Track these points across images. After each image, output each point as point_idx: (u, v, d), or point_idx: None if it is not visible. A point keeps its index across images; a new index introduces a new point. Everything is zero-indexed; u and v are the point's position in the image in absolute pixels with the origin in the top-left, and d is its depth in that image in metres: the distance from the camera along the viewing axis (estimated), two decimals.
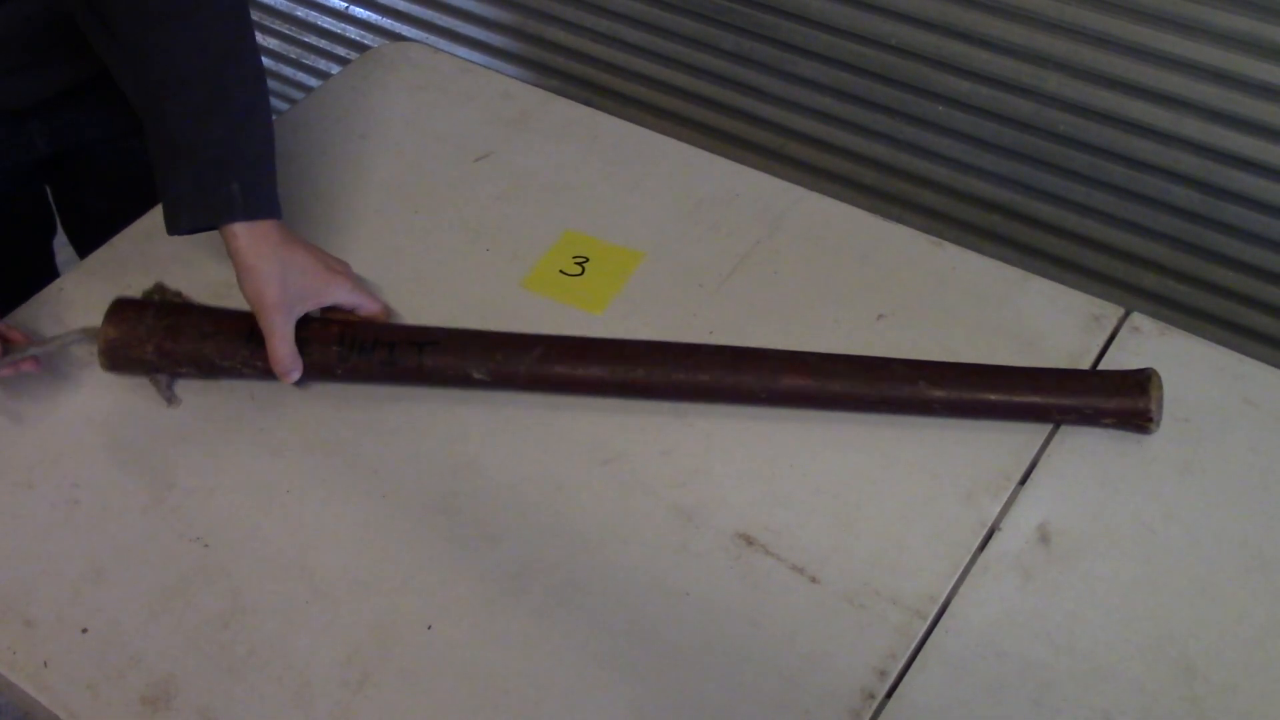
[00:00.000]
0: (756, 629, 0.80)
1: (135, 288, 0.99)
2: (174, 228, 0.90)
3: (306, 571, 0.84)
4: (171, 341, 0.92)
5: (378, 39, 1.98)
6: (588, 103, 1.23)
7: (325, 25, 2.06)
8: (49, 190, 1.25)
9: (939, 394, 0.90)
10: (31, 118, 1.09)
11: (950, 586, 0.82)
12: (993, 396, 0.90)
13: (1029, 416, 0.91)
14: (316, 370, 0.93)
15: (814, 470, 0.89)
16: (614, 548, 0.85)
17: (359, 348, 0.93)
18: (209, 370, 0.93)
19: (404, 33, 1.94)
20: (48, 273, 1.26)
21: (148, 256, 1.04)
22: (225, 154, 0.89)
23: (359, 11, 1.98)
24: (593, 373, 0.92)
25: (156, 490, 0.88)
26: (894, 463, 0.89)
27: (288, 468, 0.90)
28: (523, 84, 1.25)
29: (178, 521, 0.86)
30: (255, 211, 0.89)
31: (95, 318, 0.92)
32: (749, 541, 0.85)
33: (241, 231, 0.88)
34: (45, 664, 0.79)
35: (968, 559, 0.84)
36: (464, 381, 0.93)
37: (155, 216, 1.07)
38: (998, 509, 0.86)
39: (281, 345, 0.90)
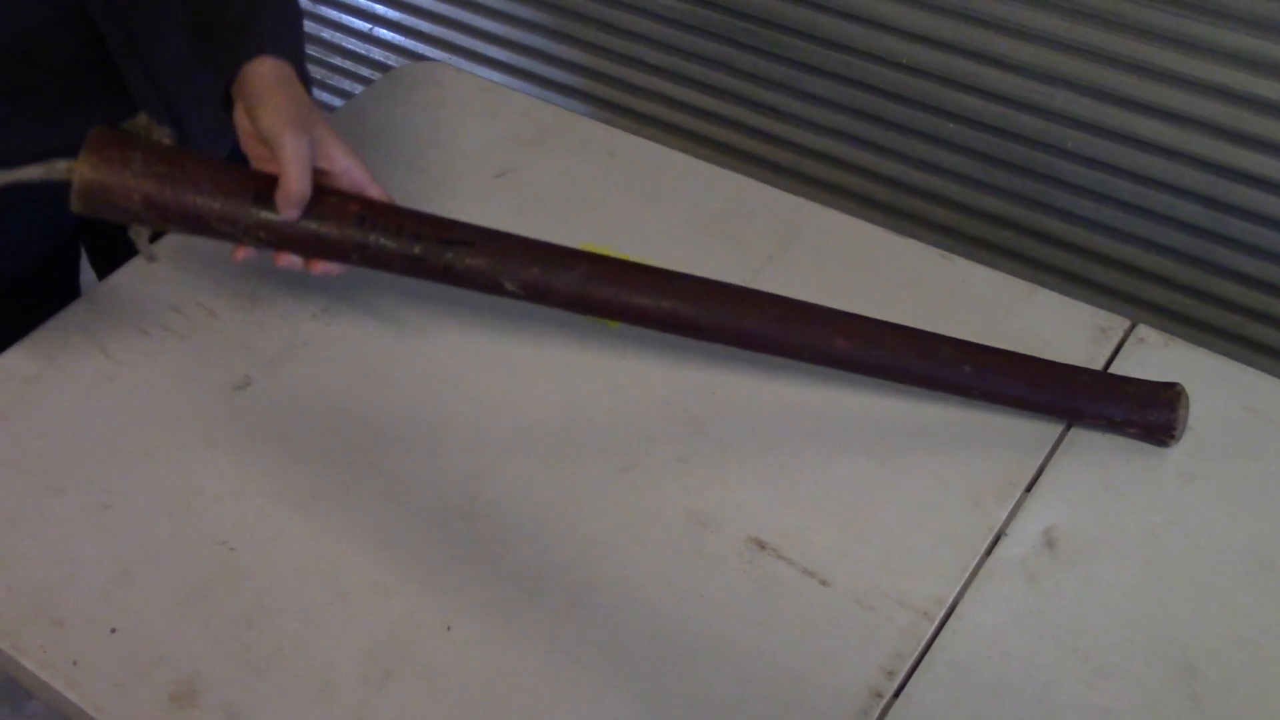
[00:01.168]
0: (768, 630, 0.82)
1: (163, 303, 1.02)
2: (220, 89, 0.89)
3: (328, 573, 0.86)
4: (164, 193, 0.83)
5: (401, 60, 2.01)
6: (607, 122, 1.26)
7: (350, 47, 2.09)
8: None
9: (980, 379, 0.90)
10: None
11: (957, 589, 0.84)
12: (1030, 389, 0.91)
13: (1059, 414, 0.93)
14: (330, 247, 0.86)
15: (825, 476, 0.91)
16: (630, 551, 0.87)
17: (382, 232, 0.86)
18: (203, 230, 0.85)
19: (427, 54, 1.97)
20: (70, 292, 1.29)
21: (175, 272, 1.07)
22: (249, 16, 0.89)
23: (383, 33, 2.02)
24: (637, 301, 0.87)
25: (183, 495, 0.91)
26: (902, 469, 0.91)
27: (310, 474, 0.92)
28: (543, 103, 1.27)
29: (204, 525, 0.89)
30: (280, 50, 0.88)
31: (120, 338, 0.94)
32: (761, 546, 0.87)
33: (269, 64, 0.87)
34: (75, 663, 0.81)
35: (975, 562, 0.85)
36: (494, 289, 0.88)
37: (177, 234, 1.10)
38: (1004, 514, 0.88)
39: (298, 166, 0.83)
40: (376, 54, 2.07)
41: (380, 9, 1.99)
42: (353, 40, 2.08)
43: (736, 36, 1.56)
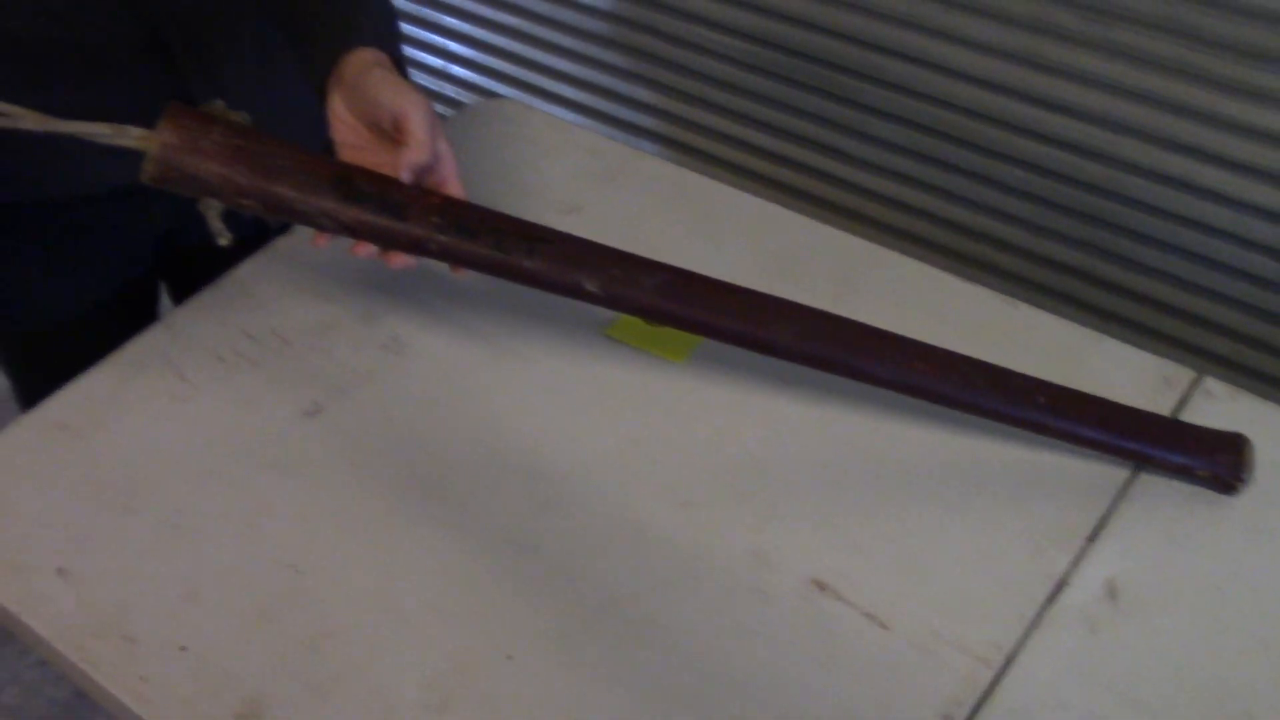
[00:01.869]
0: (826, 671, 0.82)
1: (238, 330, 1.05)
2: (318, 77, 0.92)
3: (392, 599, 0.87)
4: (241, 166, 0.83)
5: (474, 97, 2.05)
6: (674, 162, 1.27)
7: (423, 83, 2.13)
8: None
9: (1053, 412, 0.90)
10: (154, 195, 1.16)
11: (1017, 637, 0.84)
12: (1101, 427, 0.91)
13: (1127, 455, 0.93)
14: (409, 240, 0.87)
15: (886, 518, 0.91)
16: (690, 588, 0.87)
17: (463, 226, 0.86)
18: (277, 208, 0.85)
19: (500, 91, 2.00)
20: (148, 316, 1.32)
21: (249, 299, 1.09)
22: (353, 2, 0.93)
23: (457, 70, 2.06)
24: (716, 310, 0.88)
25: (252, 517, 0.92)
26: (964, 513, 0.91)
27: (376, 500, 0.93)
28: (611, 141, 1.29)
29: (271, 547, 0.90)
30: (381, 42, 0.91)
31: (196, 362, 0.96)
32: (821, 586, 0.87)
33: (374, 52, 0.90)
34: (144, 679, 0.83)
35: (1035, 611, 0.85)
36: (573, 290, 0.88)
37: (253, 264, 1.12)
38: (1066, 563, 0.88)
39: (425, 127, 0.86)
40: (450, 91, 2.10)
41: (455, 47, 2.03)
42: (427, 77, 2.12)
43: (804, 79, 1.57)
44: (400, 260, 0.91)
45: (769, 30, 1.57)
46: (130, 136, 0.84)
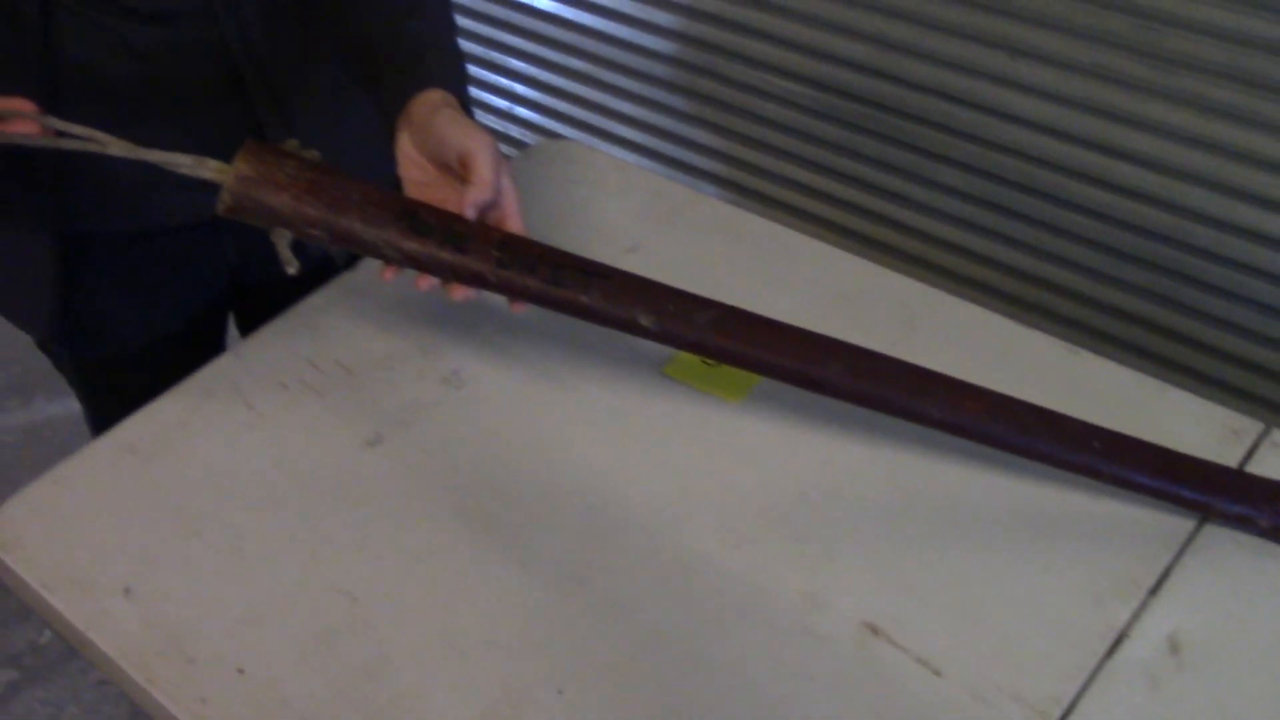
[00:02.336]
0: (877, 717, 0.82)
1: (303, 360, 1.07)
2: (388, 116, 0.95)
3: (446, 629, 0.88)
4: (311, 196, 0.87)
5: (538, 138, 2.08)
6: (735, 204, 1.28)
7: (488, 124, 2.16)
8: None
9: (1109, 459, 0.90)
10: (225, 230, 1.20)
11: (1076, 689, 0.82)
12: (1160, 475, 0.90)
13: (1189, 506, 0.91)
14: (469, 273, 0.90)
15: (943, 563, 0.91)
16: (741, 627, 0.87)
17: (521, 261, 0.89)
18: (344, 239, 0.89)
19: (563, 133, 2.03)
20: (216, 346, 1.35)
21: (315, 331, 1.11)
22: (423, 42, 0.97)
23: (522, 112, 2.09)
24: (770, 347, 0.89)
25: (313, 544, 0.94)
26: (1022, 560, 0.90)
27: (433, 530, 0.95)
28: (673, 182, 1.30)
29: (330, 574, 0.92)
30: (450, 85, 0.94)
31: (262, 390, 0.98)
32: (874, 630, 0.87)
33: (442, 93, 0.93)
34: (203, 700, 0.84)
35: (1095, 663, 0.84)
36: (629, 325, 0.90)
37: (319, 297, 1.15)
38: (1127, 615, 0.87)
39: (492, 166, 0.90)
40: (515, 131, 2.13)
41: (520, 89, 2.06)
42: (492, 118, 2.15)
43: (866, 124, 1.58)
44: (461, 292, 0.94)
45: (831, 76, 1.58)
46: (209, 168, 0.89)
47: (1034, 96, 1.39)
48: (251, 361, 1.09)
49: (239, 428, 1.03)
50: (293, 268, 0.93)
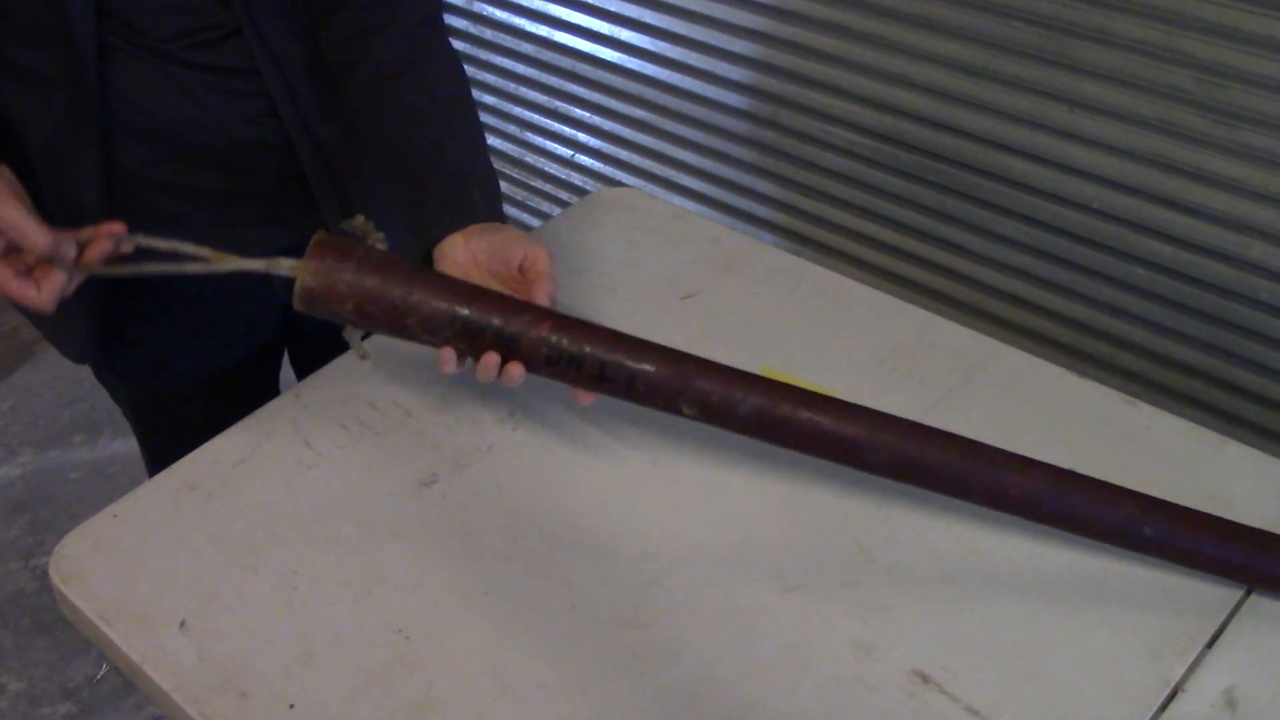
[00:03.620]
0: None
1: (362, 400, 1.09)
2: (424, 243, 1.01)
3: (496, 670, 0.88)
4: (374, 304, 0.92)
5: (600, 186, 2.10)
6: (793, 253, 1.29)
7: (551, 171, 2.19)
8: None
9: (1160, 540, 0.89)
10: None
11: None
12: (1214, 551, 0.89)
13: (1242, 578, 0.90)
14: (522, 360, 0.94)
15: (995, 614, 0.90)
16: (791, 674, 0.87)
17: (570, 351, 0.93)
18: (408, 337, 0.95)
19: (624, 180, 2.05)
20: (270, 390, 1.37)
21: (374, 372, 1.13)
22: (462, 170, 1.03)
23: (584, 160, 2.11)
24: (810, 434, 0.91)
25: (367, 583, 0.95)
26: (1076, 613, 0.90)
27: (486, 572, 0.95)
28: (732, 230, 1.31)
29: (383, 613, 0.92)
30: (495, 216, 1.02)
31: (321, 430, 1.01)
32: (924, 679, 0.86)
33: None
34: None
35: (1149, 717, 0.83)
36: (672, 410, 0.94)
37: (379, 337, 1.16)
38: (1182, 669, 0.85)
39: (551, 279, 0.99)
40: (576, 179, 2.16)
41: (583, 137, 2.09)
42: (554, 165, 2.18)
43: (925, 175, 1.58)
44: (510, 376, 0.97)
45: (891, 126, 1.59)
46: (281, 267, 0.93)
47: (1094, 149, 1.39)
48: (311, 401, 1.11)
49: (298, 467, 1.05)
50: (366, 359, 1.00)
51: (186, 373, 1.29)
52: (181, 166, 1.13)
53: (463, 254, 1.01)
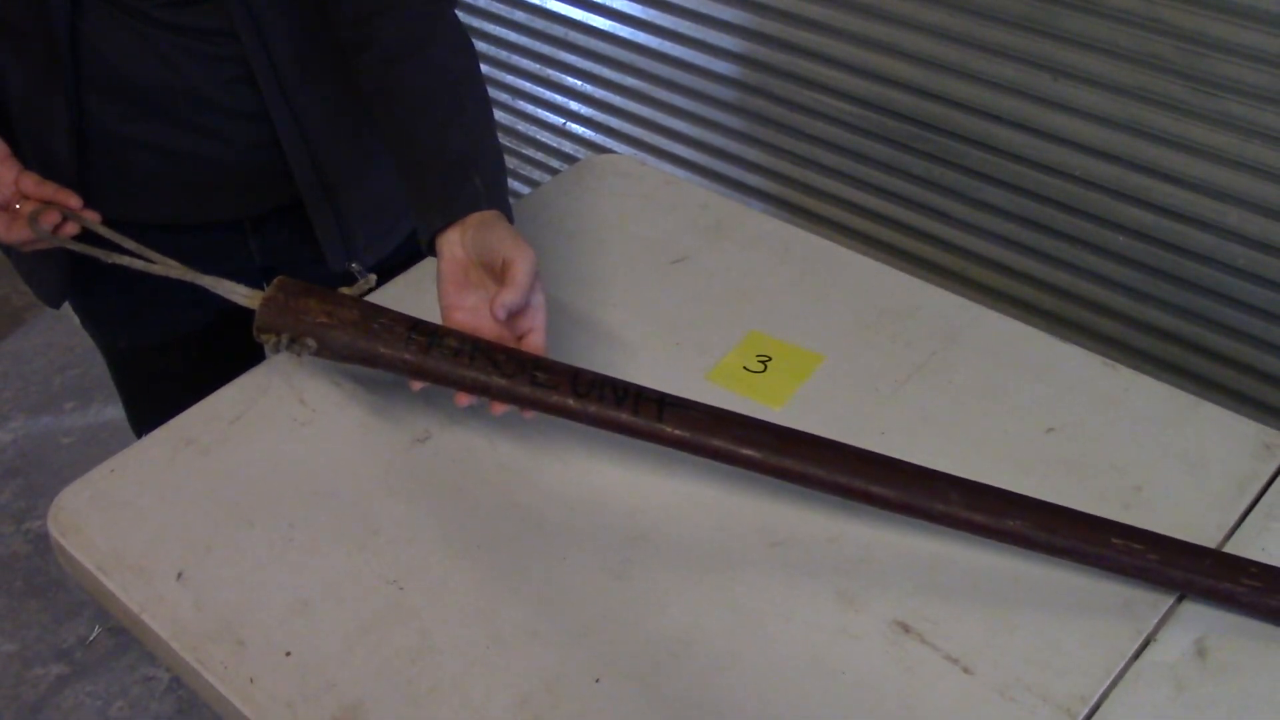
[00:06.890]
0: (908, 713, 0.83)
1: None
2: (428, 230, 1.01)
3: (488, 619, 0.90)
4: (329, 345, 0.98)
5: (591, 154, 2.11)
6: (782, 220, 1.30)
7: (543, 140, 2.20)
8: None
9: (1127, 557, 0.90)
10: (250, 232, 1.25)
11: (1102, 689, 0.84)
12: (1174, 571, 0.89)
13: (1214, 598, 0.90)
14: (503, 396, 0.96)
15: (976, 567, 0.92)
16: (776, 624, 0.89)
17: (545, 386, 0.96)
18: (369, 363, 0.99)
19: (616, 149, 2.06)
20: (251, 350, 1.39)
21: None
22: (466, 155, 1.02)
23: (575, 128, 2.12)
24: (811, 475, 0.93)
25: (361, 536, 0.97)
26: (1054, 566, 0.92)
27: (478, 525, 0.97)
28: (721, 196, 1.33)
29: (378, 564, 0.95)
30: (496, 203, 1.01)
31: (316, 388, 1.04)
32: (905, 629, 0.88)
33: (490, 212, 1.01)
34: (251, 680, 0.87)
35: (1121, 665, 0.85)
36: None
37: (372, 298, 1.18)
38: (1156, 619, 0.88)
39: (528, 279, 0.97)
40: (568, 147, 2.17)
41: (574, 105, 2.10)
42: (546, 134, 2.19)
43: (912, 143, 1.59)
44: (501, 408, 0.98)
45: (879, 95, 1.60)
46: (255, 300, 0.99)
47: (1077, 117, 1.41)
48: (306, 359, 1.12)
49: (292, 423, 1.06)
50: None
51: (157, 327, 1.30)
52: (153, 126, 1.13)
53: (459, 248, 1.00)
